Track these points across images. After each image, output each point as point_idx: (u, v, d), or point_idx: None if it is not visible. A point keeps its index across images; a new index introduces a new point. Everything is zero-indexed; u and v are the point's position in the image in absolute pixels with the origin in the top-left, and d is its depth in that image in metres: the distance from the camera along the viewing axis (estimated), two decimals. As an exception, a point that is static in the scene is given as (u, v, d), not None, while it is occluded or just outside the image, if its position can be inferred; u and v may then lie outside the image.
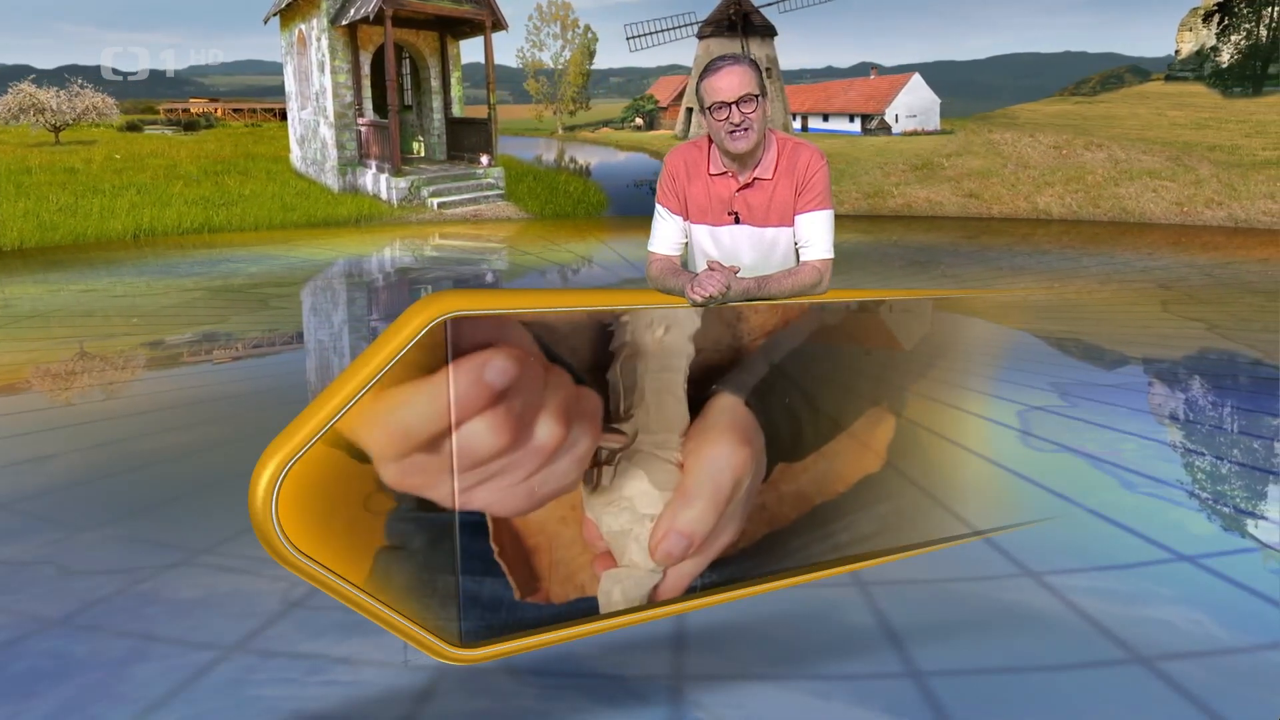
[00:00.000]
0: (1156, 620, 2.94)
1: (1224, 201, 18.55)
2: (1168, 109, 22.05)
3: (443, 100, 21.23)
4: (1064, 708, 2.51)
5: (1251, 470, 4.53)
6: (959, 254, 14.48)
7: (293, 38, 21.07)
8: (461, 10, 19.93)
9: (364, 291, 11.64)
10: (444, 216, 19.13)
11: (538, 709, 2.56)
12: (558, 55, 24.97)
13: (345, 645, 2.86)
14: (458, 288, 5.77)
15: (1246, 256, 13.77)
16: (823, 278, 2.50)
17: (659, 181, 2.65)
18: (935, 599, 3.11)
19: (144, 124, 22.83)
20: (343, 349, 7.90)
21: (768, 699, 2.59)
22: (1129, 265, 12.94)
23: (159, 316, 9.34)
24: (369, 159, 19.57)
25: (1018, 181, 20.89)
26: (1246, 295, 9.99)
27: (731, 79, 2.42)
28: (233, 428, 5.41)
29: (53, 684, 2.66)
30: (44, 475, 4.55)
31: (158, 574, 3.41)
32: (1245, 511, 4.00)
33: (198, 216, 17.71)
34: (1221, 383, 6.21)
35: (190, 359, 7.46)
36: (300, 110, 21.20)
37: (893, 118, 24.34)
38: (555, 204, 21.02)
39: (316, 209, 18.94)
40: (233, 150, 21.84)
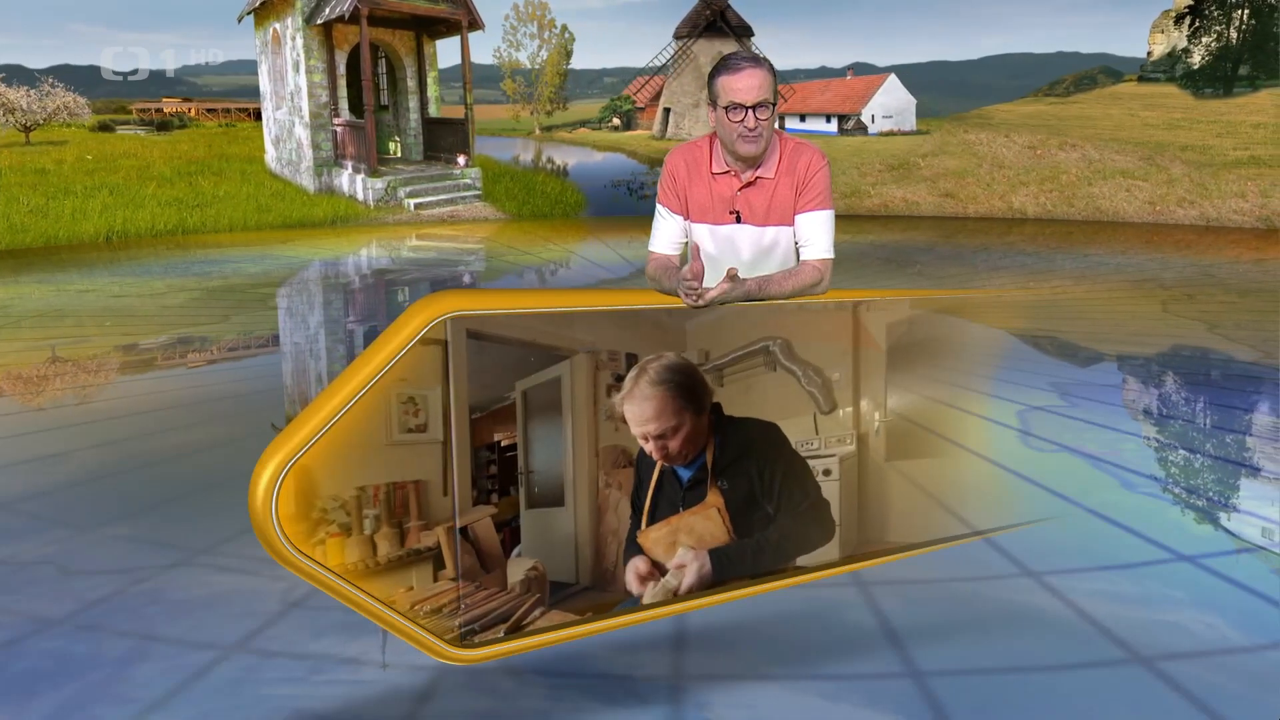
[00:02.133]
0: (1156, 620, 2.95)
1: (1196, 200, 18.76)
2: (1140, 109, 22.26)
3: (419, 100, 21.10)
4: (1064, 708, 2.51)
5: (1251, 470, 4.56)
6: (935, 253, 14.57)
7: (267, 37, 20.87)
8: (438, 10, 19.83)
9: (363, 293, 11.55)
10: (421, 217, 19.02)
11: (538, 709, 2.56)
12: (535, 55, 24.88)
13: (345, 645, 2.87)
14: (457, 288, 5.75)
15: (1217, 256, 13.94)
16: (823, 277, 2.50)
17: (660, 181, 2.64)
18: (935, 599, 3.11)
19: (116, 124, 22.51)
20: (324, 351, 7.82)
21: (768, 699, 2.59)
22: (1103, 264, 13.07)
23: (158, 317, 9.32)
24: (345, 160, 19.42)
25: (993, 181, 21.03)
26: (1220, 293, 10.11)
27: (751, 82, 2.39)
28: (232, 428, 5.43)
29: (53, 684, 2.66)
30: (44, 475, 4.55)
31: (158, 574, 3.43)
32: (1245, 512, 4.02)
33: (171, 218, 17.51)
34: (1221, 383, 6.25)
35: (190, 359, 7.46)
36: (275, 110, 21.00)
37: (869, 118, 24.44)
38: (533, 204, 20.95)
39: (292, 210, 18.78)
40: (207, 151, 21.57)
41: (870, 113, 24.45)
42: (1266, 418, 5.32)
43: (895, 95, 24.52)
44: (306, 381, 6.76)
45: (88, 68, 22.49)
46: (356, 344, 8.18)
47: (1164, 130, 21.16)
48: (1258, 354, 6.74)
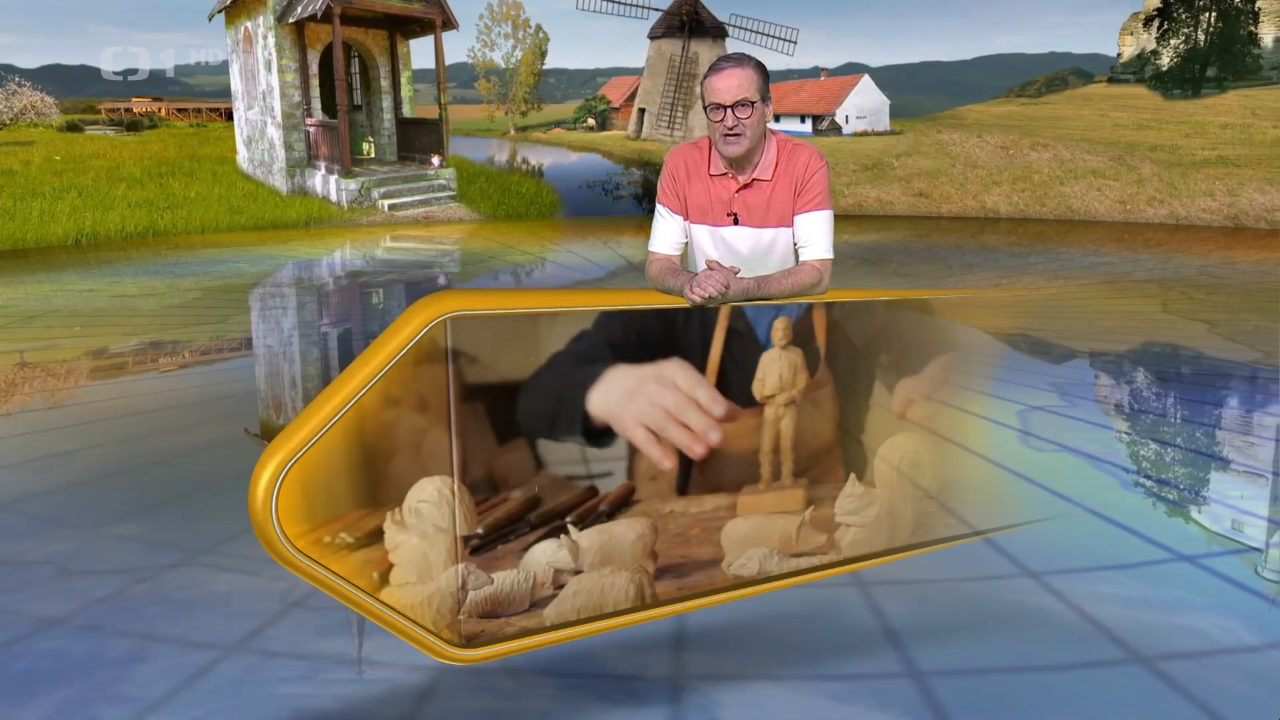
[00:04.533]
0: (1156, 620, 2.96)
1: (1165, 199, 19.02)
2: (1110, 110, 22.54)
3: (393, 100, 20.97)
4: (1064, 708, 2.51)
5: (1251, 470, 4.59)
6: (910, 253, 14.66)
7: (238, 35, 20.65)
8: (411, 9, 19.71)
9: (339, 295, 11.45)
10: (395, 218, 18.91)
11: (538, 709, 2.56)
12: (509, 55, 24.79)
13: (345, 645, 2.86)
14: (457, 288, 5.75)
15: (1188, 253, 14.13)
16: (822, 278, 2.49)
17: (660, 181, 2.64)
18: (935, 599, 3.11)
19: (84, 124, 22.16)
20: (298, 355, 7.76)
21: (768, 699, 2.58)
22: (1075, 262, 13.20)
23: (159, 317, 9.26)
24: (318, 160, 19.25)
25: (966, 181, 21.21)
26: (1192, 290, 10.24)
27: (730, 81, 2.39)
28: (232, 428, 5.46)
29: (53, 684, 2.65)
30: (44, 476, 4.54)
31: (158, 574, 3.42)
32: (1245, 511, 4.04)
33: (142, 220, 17.27)
34: (1221, 383, 6.29)
35: (190, 360, 7.45)
36: (247, 110, 20.79)
37: (843, 118, 24.55)
38: (508, 205, 20.88)
39: (264, 211, 18.60)
40: (177, 151, 21.26)
41: (844, 113, 24.57)
42: (1267, 418, 5.36)
43: (869, 96, 24.65)
44: (280, 385, 6.70)
45: (79, 67, 22.22)
46: (333, 344, 8.12)
47: (1134, 130, 21.44)
48: (1258, 354, 6.81)
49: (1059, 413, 5.41)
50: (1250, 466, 4.63)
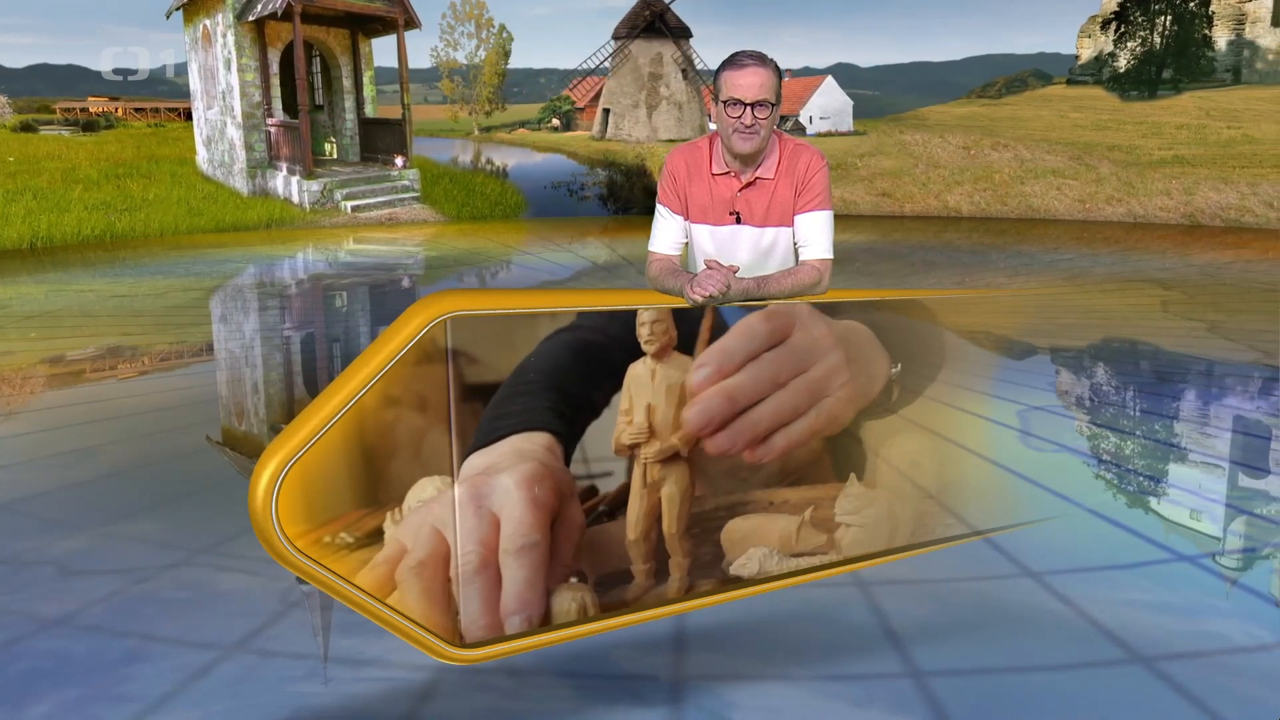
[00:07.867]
0: (1156, 620, 2.97)
1: (1123, 198, 19.33)
2: (1069, 111, 22.85)
3: (355, 100, 20.76)
4: (1064, 708, 2.52)
5: (1251, 470, 4.63)
6: (874, 251, 14.79)
7: (197, 33, 20.30)
8: (373, 7, 19.52)
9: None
10: (358, 220, 18.72)
11: (538, 709, 2.56)
12: (473, 54, 24.62)
13: (345, 645, 2.86)
14: (457, 288, 5.73)
15: (1147, 249, 14.36)
16: (822, 278, 2.49)
17: (660, 181, 2.63)
18: (935, 599, 3.11)
19: (39, 124, 21.66)
20: (260, 359, 7.66)
21: (768, 699, 2.57)
22: (1035, 260, 13.39)
23: (157, 317, 9.21)
24: (279, 161, 18.99)
25: (929, 181, 21.41)
26: (1149, 288, 10.40)
27: (754, 80, 2.39)
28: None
29: (53, 684, 2.65)
30: (44, 476, 4.54)
31: (158, 574, 3.42)
32: (1245, 511, 4.08)
33: (99, 223, 16.91)
34: (1221, 383, 6.34)
35: (190, 360, 7.46)
36: (206, 110, 20.45)
37: (807, 119, 24.68)
38: (472, 206, 20.75)
39: (225, 213, 18.31)
40: (135, 152, 20.79)
41: (808, 114, 24.70)
42: (1267, 417, 5.41)
43: (832, 96, 24.81)
44: (243, 389, 6.61)
45: (65, 66, 21.77)
46: (296, 349, 8.03)
47: (1092, 131, 21.76)
48: (1257, 354, 6.89)
49: (1059, 413, 5.45)
50: (1250, 466, 4.69)
